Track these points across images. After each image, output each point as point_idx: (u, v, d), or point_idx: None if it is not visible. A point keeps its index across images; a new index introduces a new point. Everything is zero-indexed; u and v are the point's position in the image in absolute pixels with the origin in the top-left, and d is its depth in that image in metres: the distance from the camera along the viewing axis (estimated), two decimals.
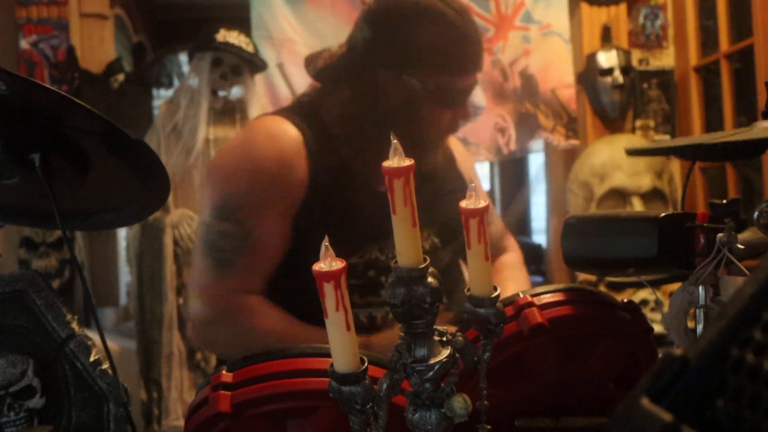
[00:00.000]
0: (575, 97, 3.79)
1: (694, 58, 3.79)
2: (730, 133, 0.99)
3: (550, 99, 3.80)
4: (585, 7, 3.86)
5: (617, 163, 3.58)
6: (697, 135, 3.61)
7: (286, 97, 3.46)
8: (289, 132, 1.39)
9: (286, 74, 3.61)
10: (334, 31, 3.45)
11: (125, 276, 3.91)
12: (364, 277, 1.40)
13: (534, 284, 2.03)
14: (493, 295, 0.73)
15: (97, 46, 3.79)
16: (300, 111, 1.45)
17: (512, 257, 1.70)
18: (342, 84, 1.42)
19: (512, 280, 1.62)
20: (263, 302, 1.38)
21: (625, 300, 1.01)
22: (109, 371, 1.00)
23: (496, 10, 3.80)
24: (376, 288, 1.41)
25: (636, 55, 3.87)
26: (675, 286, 0.98)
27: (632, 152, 1.10)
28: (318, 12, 3.60)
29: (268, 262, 1.38)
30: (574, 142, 3.83)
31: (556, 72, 3.80)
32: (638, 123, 3.87)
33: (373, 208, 1.36)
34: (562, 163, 3.99)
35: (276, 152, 1.37)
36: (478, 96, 3.79)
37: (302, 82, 2.53)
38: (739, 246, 0.87)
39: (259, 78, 3.44)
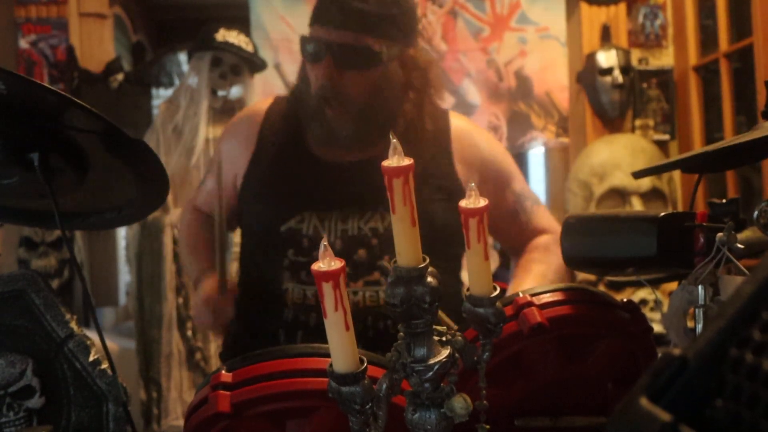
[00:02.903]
0: (569, 99, 3.80)
1: (693, 57, 3.78)
2: (733, 140, 0.98)
3: (544, 100, 3.80)
4: (584, 7, 3.85)
5: (617, 162, 3.58)
6: (699, 148, 3.61)
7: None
8: (261, 102, 1.73)
9: (284, 74, 3.63)
10: None
11: (125, 276, 3.90)
12: (310, 255, 1.44)
13: None
14: (493, 295, 0.73)
15: (97, 45, 3.79)
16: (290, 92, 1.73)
17: (547, 239, 1.59)
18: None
19: (539, 262, 1.53)
20: (197, 220, 1.71)
21: (625, 299, 1.01)
22: (108, 371, 1.00)
23: (491, 11, 3.80)
24: None
25: (635, 55, 3.87)
26: (674, 286, 0.98)
27: (639, 174, 1.10)
28: None
29: (222, 195, 1.63)
30: (563, 140, 3.83)
31: (552, 75, 3.80)
32: (638, 122, 3.87)
33: (314, 175, 1.54)
34: (562, 162, 3.99)
35: (243, 113, 1.81)
36: (473, 94, 3.80)
37: None
38: (739, 245, 0.87)
39: (257, 78, 3.44)
